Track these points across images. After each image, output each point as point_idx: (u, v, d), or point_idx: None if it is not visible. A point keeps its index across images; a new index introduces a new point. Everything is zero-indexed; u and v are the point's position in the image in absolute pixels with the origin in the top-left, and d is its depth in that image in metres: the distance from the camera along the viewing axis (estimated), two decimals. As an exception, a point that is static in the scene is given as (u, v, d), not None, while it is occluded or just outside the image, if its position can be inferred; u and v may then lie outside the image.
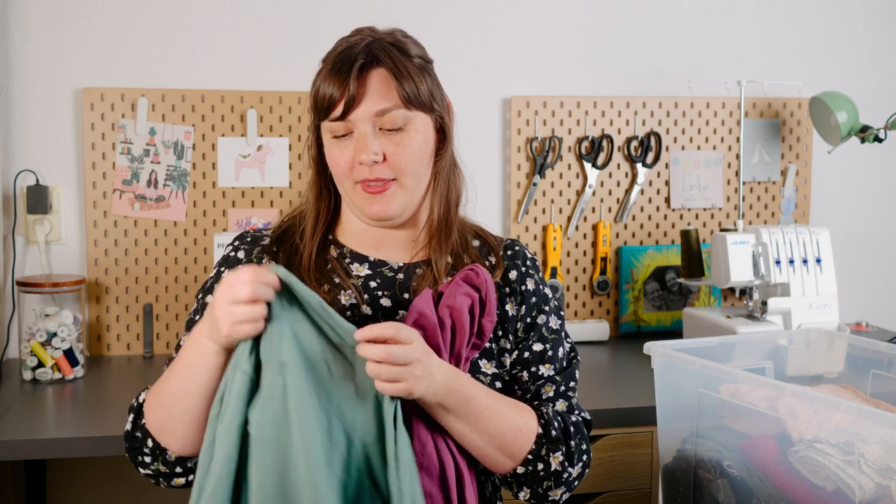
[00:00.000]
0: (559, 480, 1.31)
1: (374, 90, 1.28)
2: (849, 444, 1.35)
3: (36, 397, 2.01)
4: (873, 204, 2.83)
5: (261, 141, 2.39)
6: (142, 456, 1.27)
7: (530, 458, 1.29)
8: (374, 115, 1.28)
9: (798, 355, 1.82)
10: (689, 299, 2.65)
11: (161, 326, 2.37)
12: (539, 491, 1.31)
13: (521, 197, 2.55)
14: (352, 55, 1.29)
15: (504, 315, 1.37)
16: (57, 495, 2.35)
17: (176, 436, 1.24)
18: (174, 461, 1.26)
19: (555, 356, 1.38)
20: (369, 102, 1.28)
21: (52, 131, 2.32)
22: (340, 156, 1.30)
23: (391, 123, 1.29)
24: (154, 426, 1.25)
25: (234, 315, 1.12)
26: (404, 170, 1.30)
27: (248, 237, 1.42)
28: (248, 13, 2.40)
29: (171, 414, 1.23)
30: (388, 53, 1.30)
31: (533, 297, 1.39)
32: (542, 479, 1.30)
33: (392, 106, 1.28)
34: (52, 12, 2.30)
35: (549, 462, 1.30)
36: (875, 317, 2.81)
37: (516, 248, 1.43)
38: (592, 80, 2.61)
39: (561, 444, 1.30)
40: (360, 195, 1.31)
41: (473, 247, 1.40)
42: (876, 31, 2.79)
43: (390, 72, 1.29)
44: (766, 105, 2.70)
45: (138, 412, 1.27)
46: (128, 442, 1.29)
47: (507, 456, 1.29)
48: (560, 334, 1.40)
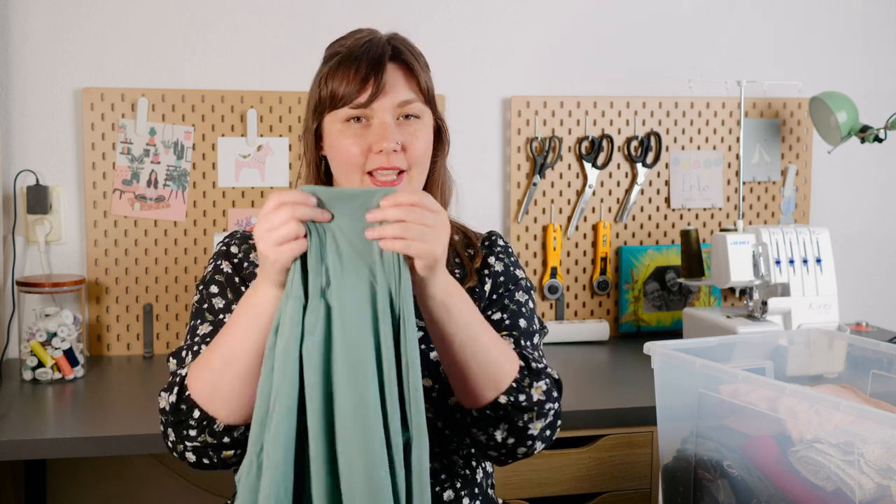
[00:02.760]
0: (541, 411, 1.28)
1: (398, 82, 1.34)
2: (849, 444, 1.35)
3: (36, 397, 2.01)
4: (873, 204, 2.83)
5: (261, 141, 2.39)
6: (187, 430, 1.24)
7: (514, 387, 1.27)
8: (397, 106, 1.33)
9: (798, 355, 1.82)
10: (689, 299, 2.65)
11: (161, 326, 2.37)
12: (519, 424, 1.28)
13: (521, 197, 2.55)
14: (377, 47, 1.33)
15: (482, 294, 1.42)
16: (57, 495, 2.35)
17: (227, 400, 1.22)
18: (222, 430, 1.24)
19: (513, 325, 1.39)
20: (393, 93, 1.32)
21: (52, 131, 2.32)
22: (354, 145, 1.32)
23: (410, 112, 1.34)
24: (202, 394, 1.23)
25: (274, 237, 1.12)
26: (417, 161, 1.35)
27: (238, 235, 1.46)
28: (248, 13, 2.40)
29: (223, 374, 1.21)
30: (408, 49, 1.37)
31: (501, 277, 1.44)
32: (523, 410, 1.27)
33: (413, 98, 1.34)
34: (52, 12, 2.30)
35: (531, 393, 1.28)
36: (875, 317, 2.81)
37: (493, 237, 1.50)
38: (593, 80, 2.61)
39: (542, 376, 1.30)
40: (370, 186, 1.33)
41: (455, 239, 1.45)
42: (876, 31, 2.79)
43: (410, 66, 1.35)
44: (766, 105, 2.70)
45: (181, 384, 1.25)
46: (172, 415, 1.25)
47: (492, 381, 1.26)
48: (522, 308, 1.42)
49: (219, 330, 1.34)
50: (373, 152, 1.32)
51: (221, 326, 1.34)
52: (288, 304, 1.13)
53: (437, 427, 1.32)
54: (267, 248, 1.13)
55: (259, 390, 1.14)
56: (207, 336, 1.35)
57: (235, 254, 1.43)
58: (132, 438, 1.75)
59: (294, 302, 1.13)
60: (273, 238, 1.12)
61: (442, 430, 1.33)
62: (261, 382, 1.14)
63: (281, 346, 1.12)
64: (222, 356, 1.21)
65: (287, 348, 1.12)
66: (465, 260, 1.44)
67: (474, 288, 1.42)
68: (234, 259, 1.42)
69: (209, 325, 1.36)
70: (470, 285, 1.41)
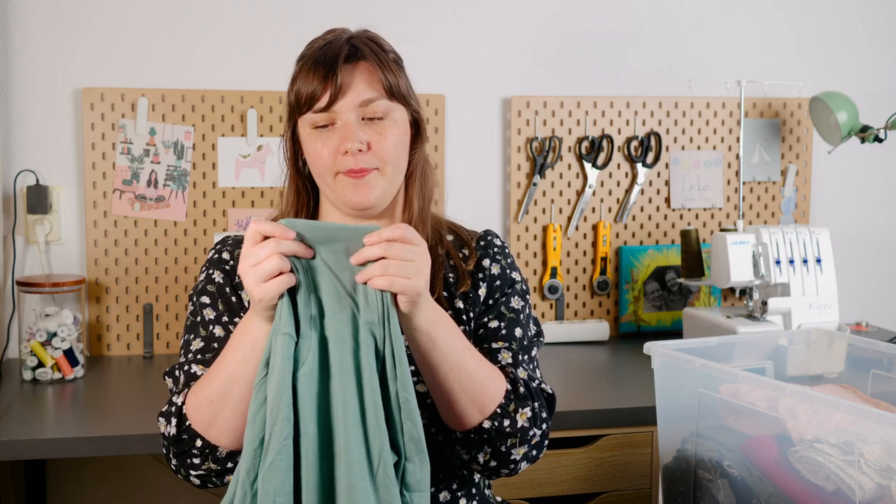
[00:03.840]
0: (524, 438, 1.29)
1: (358, 81, 1.32)
2: (849, 444, 1.35)
3: (36, 397, 2.01)
4: (873, 204, 2.83)
5: (261, 141, 2.39)
6: (190, 458, 1.26)
7: (498, 412, 1.28)
8: (359, 105, 1.32)
9: (798, 355, 1.82)
10: (689, 299, 2.65)
11: (161, 326, 2.37)
12: (502, 449, 1.29)
13: (521, 197, 2.55)
14: (334, 48, 1.33)
15: (476, 299, 1.41)
16: (57, 495, 2.35)
17: (227, 429, 1.23)
18: (225, 457, 1.25)
19: (510, 335, 1.39)
20: (353, 93, 1.32)
21: (52, 131, 2.32)
22: (323, 148, 1.33)
23: (373, 113, 1.33)
24: (202, 424, 1.24)
25: (258, 274, 1.12)
26: (386, 158, 1.33)
27: (229, 240, 1.45)
28: (248, 13, 2.40)
29: (222, 407, 1.22)
30: (369, 47, 1.35)
31: (497, 281, 1.43)
32: (507, 436, 1.28)
33: (376, 96, 1.33)
34: (52, 12, 2.30)
35: (516, 419, 1.29)
36: (875, 317, 2.81)
37: (488, 237, 1.48)
38: (593, 79, 2.61)
39: (528, 401, 1.30)
40: (343, 184, 1.33)
41: (448, 240, 1.45)
42: (876, 30, 2.79)
43: (373, 64, 1.34)
44: (766, 105, 2.70)
45: (179, 415, 1.26)
46: (175, 446, 1.26)
47: (477, 407, 1.27)
48: (519, 315, 1.42)
49: (210, 345, 1.34)
50: (340, 153, 1.32)
51: (213, 341, 1.35)
52: (277, 340, 1.13)
53: (431, 433, 1.32)
54: (252, 286, 1.13)
55: (249, 424, 1.14)
56: (199, 353, 1.34)
57: (227, 261, 1.42)
58: (132, 438, 1.75)
59: (283, 338, 1.13)
60: (258, 274, 1.12)
61: (436, 435, 1.33)
62: (250, 416, 1.14)
63: (274, 379, 1.12)
64: (219, 387, 1.22)
65: (281, 382, 1.12)
66: (458, 262, 1.43)
67: (468, 293, 1.41)
68: (225, 266, 1.41)
69: (201, 340, 1.36)
70: (463, 290, 1.40)
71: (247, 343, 1.19)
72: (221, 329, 1.36)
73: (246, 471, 1.14)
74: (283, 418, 1.11)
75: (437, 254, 1.41)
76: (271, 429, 1.12)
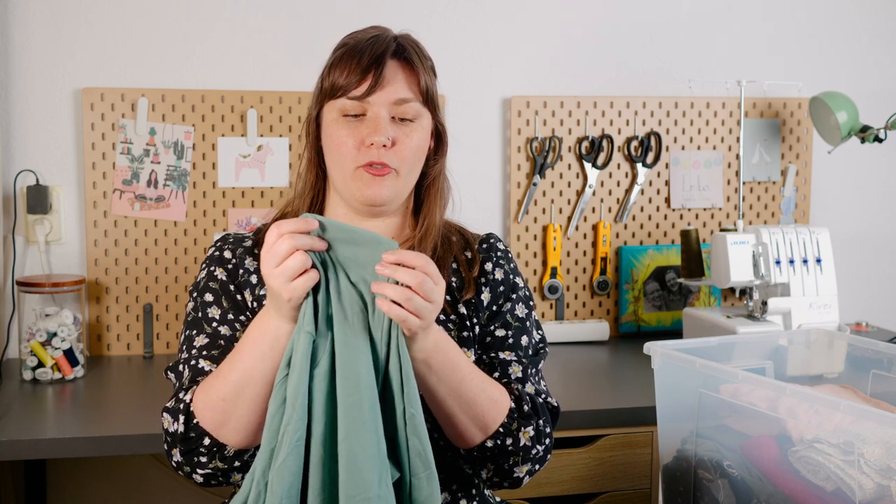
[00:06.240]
0: (527, 456, 1.31)
1: (399, 79, 1.33)
2: (849, 444, 1.35)
3: (36, 397, 2.01)
4: (873, 204, 2.83)
5: (261, 141, 2.39)
6: (197, 457, 1.24)
7: (501, 431, 1.28)
8: (393, 102, 1.33)
9: (798, 355, 1.82)
10: (689, 299, 2.65)
11: (161, 326, 2.37)
12: (505, 467, 1.30)
13: (521, 197, 2.55)
14: (381, 42, 1.33)
15: (479, 303, 1.41)
16: (57, 495, 2.35)
17: (239, 428, 1.22)
18: (232, 456, 1.24)
19: (517, 343, 1.39)
20: (392, 89, 1.32)
21: (52, 131, 2.32)
22: (349, 136, 1.33)
23: (404, 113, 1.34)
24: (212, 423, 1.22)
25: (285, 274, 1.11)
26: (406, 160, 1.34)
27: (230, 238, 1.45)
28: (248, 13, 2.40)
29: (236, 406, 1.20)
30: (414, 50, 1.36)
31: (500, 286, 1.43)
32: (509, 455, 1.29)
33: (411, 97, 1.34)
34: (52, 12, 2.30)
35: (519, 437, 1.29)
36: (875, 317, 2.81)
37: (491, 241, 1.48)
38: (592, 80, 2.61)
39: (532, 420, 1.31)
40: (360, 177, 1.33)
41: (454, 241, 1.45)
42: (876, 31, 2.79)
43: (414, 66, 1.35)
44: (766, 105, 2.70)
45: (187, 412, 1.24)
46: (181, 444, 1.25)
47: (479, 427, 1.27)
48: (525, 323, 1.42)
49: (216, 341, 1.33)
50: (364, 145, 1.32)
51: (218, 338, 1.34)
52: (300, 339, 1.13)
53: (433, 437, 1.32)
54: (279, 286, 1.12)
55: (268, 423, 1.14)
56: (204, 349, 1.33)
57: (229, 259, 1.41)
58: (132, 438, 1.75)
59: (305, 336, 1.13)
60: (284, 274, 1.11)
61: (438, 440, 1.33)
62: (269, 415, 1.14)
63: (294, 378, 1.12)
64: (233, 386, 1.20)
65: (299, 381, 1.12)
66: (464, 267, 1.43)
67: (471, 300, 1.41)
68: (228, 265, 1.40)
69: (206, 336, 1.35)
70: (468, 297, 1.40)
71: (265, 342, 1.18)
72: (227, 328, 1.35)
73: (262, 470, 1.13)
74: (297, 418, 1.11)
75: (447, 263, 1.41)
76: (285, 428, 1.12)
